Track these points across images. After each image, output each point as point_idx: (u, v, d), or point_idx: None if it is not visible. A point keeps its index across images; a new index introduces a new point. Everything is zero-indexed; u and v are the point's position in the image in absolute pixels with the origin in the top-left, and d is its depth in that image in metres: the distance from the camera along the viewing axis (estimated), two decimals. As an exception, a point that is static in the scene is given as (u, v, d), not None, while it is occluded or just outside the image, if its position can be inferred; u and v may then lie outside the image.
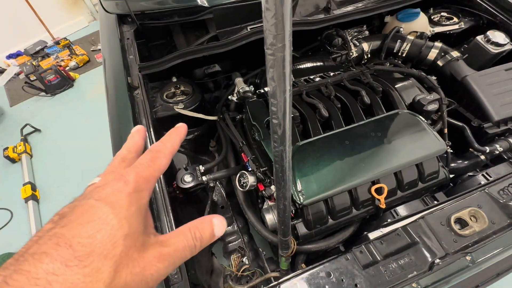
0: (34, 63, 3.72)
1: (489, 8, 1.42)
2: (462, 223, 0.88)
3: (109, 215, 0.27)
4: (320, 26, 1.32)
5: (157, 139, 1.07)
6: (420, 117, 1.01)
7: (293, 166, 0.90)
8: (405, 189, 0.98)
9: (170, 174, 1.09)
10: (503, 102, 1.13)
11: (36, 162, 2.68)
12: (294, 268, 0.98)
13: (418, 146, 0.96)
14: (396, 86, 1.15)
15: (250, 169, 0.95)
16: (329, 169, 0.90)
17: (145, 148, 0.40)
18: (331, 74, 1.24)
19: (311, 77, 1.22)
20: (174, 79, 1.30)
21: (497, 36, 1.30)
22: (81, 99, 3.28)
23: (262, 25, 1.33)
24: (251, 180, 0.91)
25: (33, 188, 2.37)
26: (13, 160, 2.65)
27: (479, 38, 1.33)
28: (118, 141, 0.96)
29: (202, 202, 1.21)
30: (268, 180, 0.92)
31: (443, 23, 1.53)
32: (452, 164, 1.22)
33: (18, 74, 3.79)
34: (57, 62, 3.70)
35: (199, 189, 1.08)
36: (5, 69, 3.87)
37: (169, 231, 0.83)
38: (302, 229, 0.90)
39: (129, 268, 0.27)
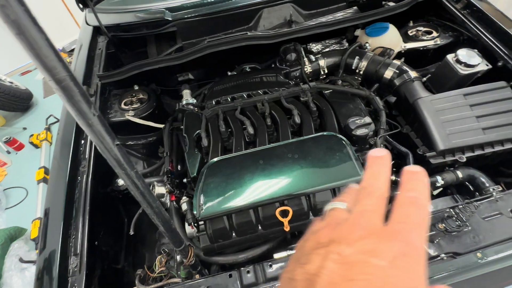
0: (68, 60, 4.18)
1: (469, 24, 1.29)
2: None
3: None
4: (277, 40, 1.32)
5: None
6: (346, 141, 0.98)
7: (202, 181, 0.95)
8: (320, 214, 0.96)
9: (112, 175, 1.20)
10: (452, 131, 1.03)
11: (54, 149, 3.05)
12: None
13: (334, 171, 0.93)
14: (335, 107, 1.12)
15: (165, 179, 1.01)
16: (235, 187, 0.92)
17: None
18: (277, 90, 1.24)
19: (254, 92, 1.23)
20: (136, 87, 1.41)
21: (468, 55, 1.18)
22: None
23: (217, 39, 1.36)
24: (158, 190, 0.97)
25: (46, 172, 2.71)
26: (36, 146, 3.05)
27: (449, 56, 1.22)
28: (61, 143, 1.09)
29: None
30: (178, 191, 0.97)
31: (420, 38, 1.42)
32: (396, 192, 1.15)
33: (54, 69, 4.30)
34: (86, 59, 4.12)
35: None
36: (45, 65, 4.42)
37: (81, 230, 0.93)
38: (205, 241, 0.94)
39: None
